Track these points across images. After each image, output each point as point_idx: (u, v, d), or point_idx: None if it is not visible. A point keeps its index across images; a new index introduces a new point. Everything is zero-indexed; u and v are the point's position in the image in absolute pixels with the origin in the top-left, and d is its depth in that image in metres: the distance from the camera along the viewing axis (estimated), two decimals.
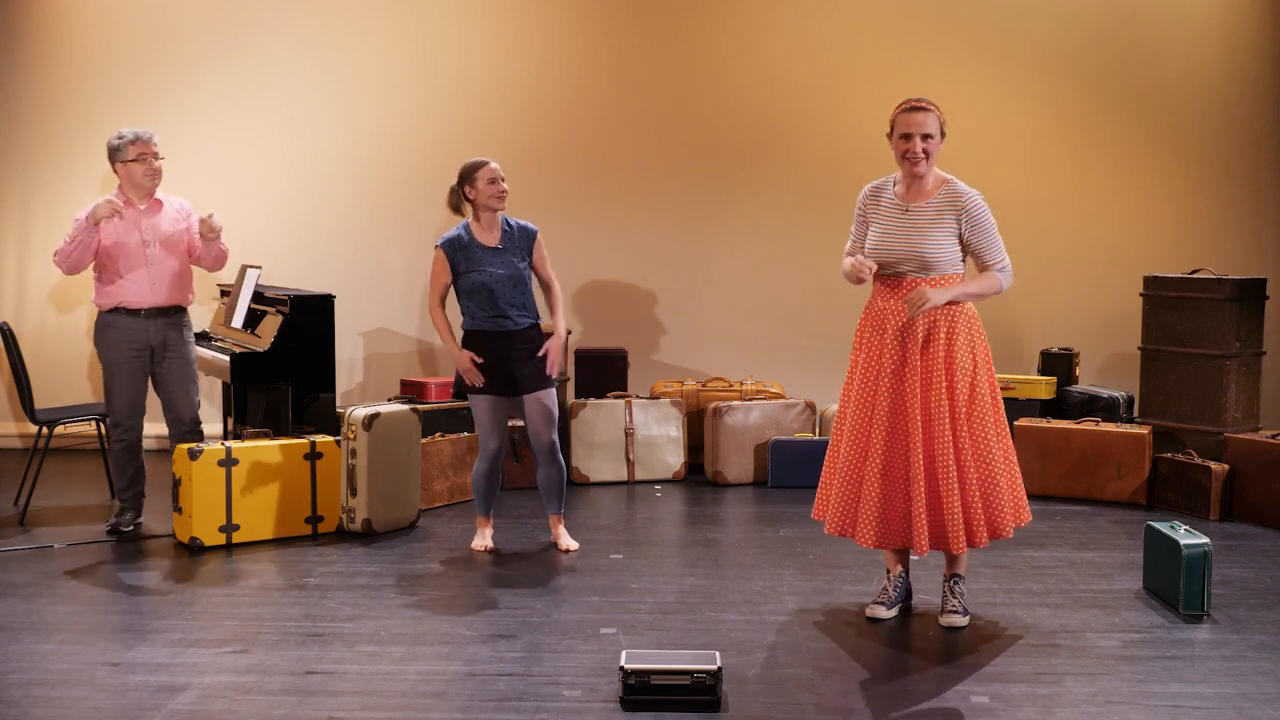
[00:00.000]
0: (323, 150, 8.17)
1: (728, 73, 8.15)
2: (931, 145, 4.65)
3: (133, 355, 5.97)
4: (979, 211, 4.67)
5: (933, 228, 4.64)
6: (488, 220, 5.66)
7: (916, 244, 4.63)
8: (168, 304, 5.99)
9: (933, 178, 4.72)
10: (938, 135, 4.68)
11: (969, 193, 4.68)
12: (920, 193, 4.70)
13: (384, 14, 8.13)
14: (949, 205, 4.67)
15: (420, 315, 8.17)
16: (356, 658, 4.44)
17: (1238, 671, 4.34)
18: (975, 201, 4.67)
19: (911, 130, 4.64)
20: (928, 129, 4.64)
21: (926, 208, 4.67)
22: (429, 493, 6.63)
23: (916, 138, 4.64)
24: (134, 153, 5.93)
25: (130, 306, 5.95)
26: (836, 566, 5.59)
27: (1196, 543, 4.90)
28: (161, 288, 5.97)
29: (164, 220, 6.01)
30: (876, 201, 4.78)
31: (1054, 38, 8.09)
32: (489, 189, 5.60)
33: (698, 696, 4.00)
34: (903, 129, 4.67)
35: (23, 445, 8.14)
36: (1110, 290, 8.02)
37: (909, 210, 4.68)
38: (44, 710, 3.99)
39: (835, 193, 7.39)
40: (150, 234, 5.96)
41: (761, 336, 8.20)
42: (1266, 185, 8.12)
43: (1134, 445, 6.77)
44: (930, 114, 4.67)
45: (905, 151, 4.66)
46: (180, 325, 6.06)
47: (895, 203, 4.72)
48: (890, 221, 4.70)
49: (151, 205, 6.01)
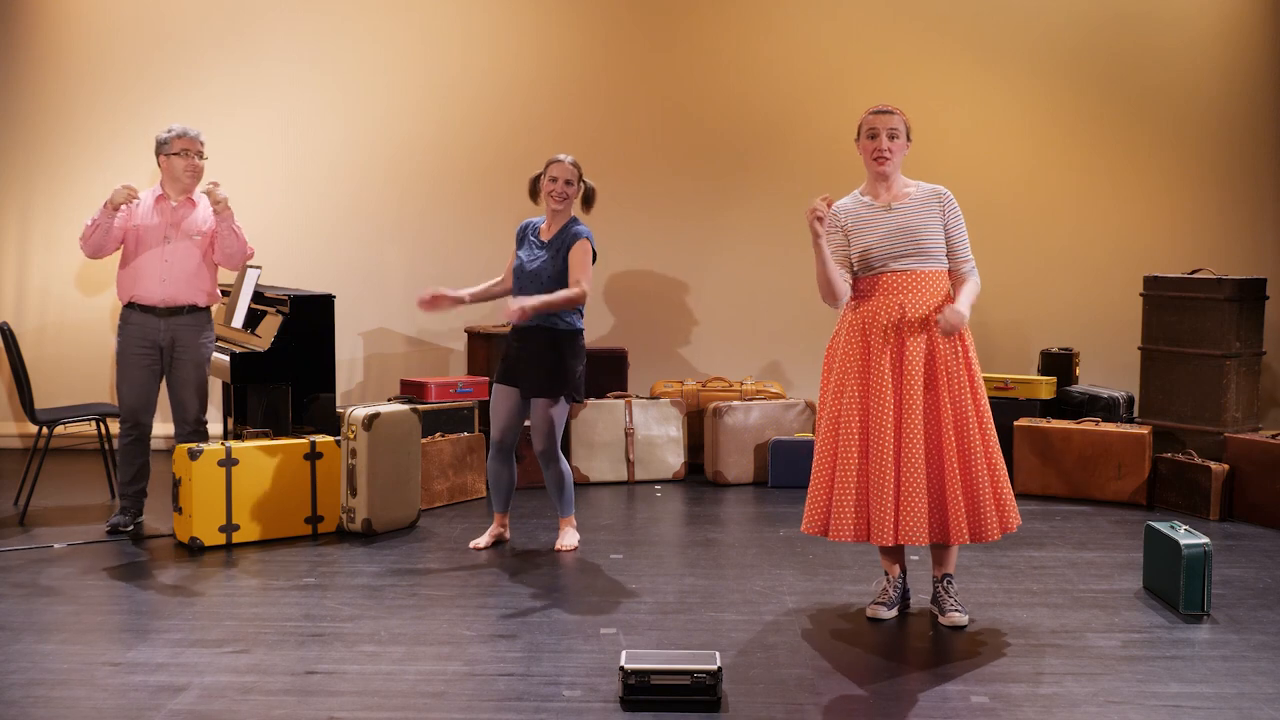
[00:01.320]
0: (323, 150, 8.17)
1: (728, 73, 8.15)
2: (896, 145, 4.73)
3: (142, 352, 5.96)
4: (955, 204, 4.78)
5: (923, 216, 4.72)
6: (549, 214, 5.71)
7: (914, 231, 4.68)
8: (179, 302, 5.97)
9: (899, 182, 4.80)
10: (903, 137, 4.75)
11: (941, 187, 4.80)
12: (897, 194, 4.77)
13: (384, 14, 8.14)
14: (930, 198, 4.75)
15: (420, 315, 8.16)
16: (356, 658, 4.44)
17: (1238, 671, 4.34)
18: (950, 196, 4.79)
19: (878, 127, 4.73)
20: (893, 126, 4.72)
21: (909, 202, 4.75)
22: (429, 493, 6.63)
23: (883, 134, 4.72)
24: (178, 147, 5.96)
25: (142, 302, 5.95)
26: (836, 566, 5.59)
27: (1196, 543, 4.90)
28: (172, 284, 5.94)
29: (194, 219, 6.01)
30: (853, 211, 4.79)
31: (1054, 38, 8.09)
32: (547, 185, 5.68)
33: (698, 696, 4.00)
34: (869, 128, 4.75)
35: (23, 445, 8.14)
36: (1110, 290, 8.02)
37: (893, 207, 4.74)
38: (44, 710, 3.99)
39: (835, 192, 7.34)
40: (174, 230, 5.96)
41: (761, 336, 8.20)
42: (1266, 185, 8.13)
43: (1134, 445, 6.77)
44: (896, 116, 4.76)
45: (873, 151, 4.73)
46: (195, 326, 6.01)
47: (875, 206, 4.77)
48: (876, 222, 4.74)
49: (184, 203, 6.01)
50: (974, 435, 4.65)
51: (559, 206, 5.66)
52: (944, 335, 4.61)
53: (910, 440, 4.60)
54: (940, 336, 4.65)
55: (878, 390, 4.65)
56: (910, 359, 4.63)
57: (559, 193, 5.64)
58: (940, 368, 4.65)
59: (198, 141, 6.02)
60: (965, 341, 4.72)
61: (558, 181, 5.64)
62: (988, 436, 4.72)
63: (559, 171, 5.66)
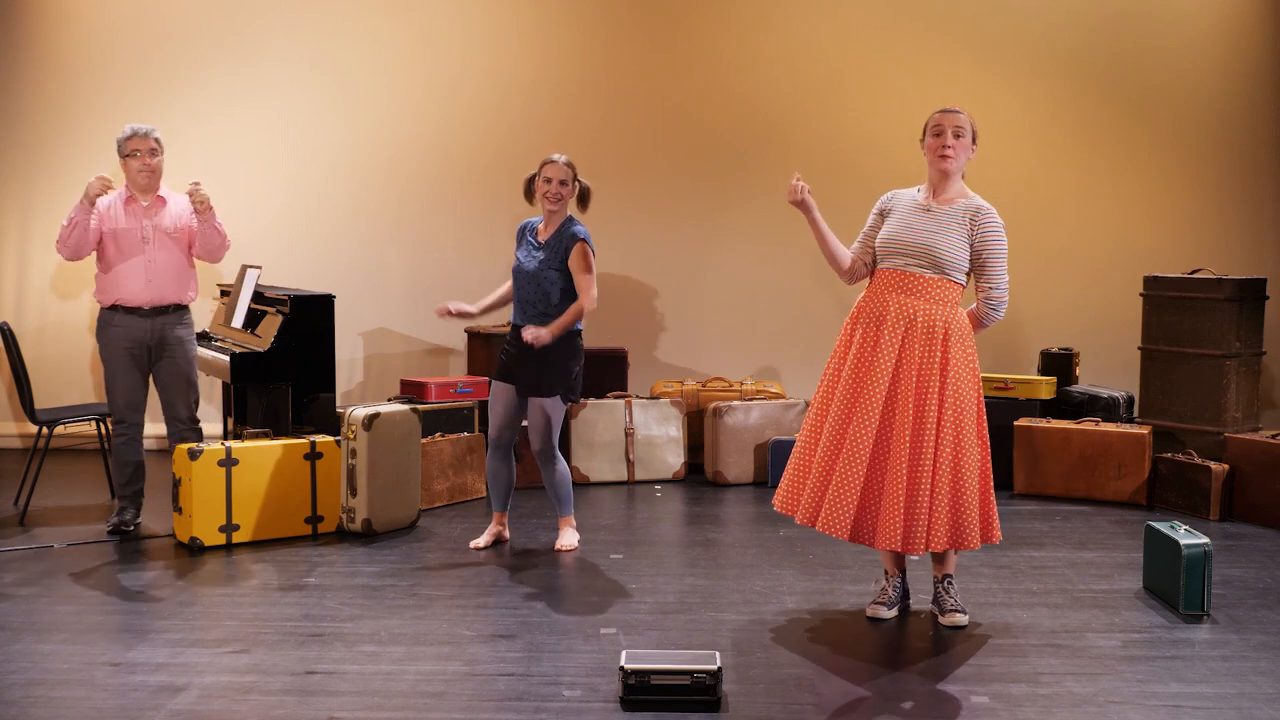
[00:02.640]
0: (323, 150, 8.17)
1: (728, 73, 8.15)
2: (960, 145, 4.74)
3: (130, 353, 5.97)
4: (993, 224, 4.74)
5: (950, 230, 4.70)
6: (546, 215, 5.71)
7: (932, 241, 4.67)
8: (165, 302, 5.98)
9: (958, 187, 4.79)
10: (968, 137, 4.76)
11: (989, 206, 4.78)
12: (945, 197, 4.76)
13: (384, 14, 8.13)
14: (968, 211, 4.74)
15: (420, 315, 8.16)
16: (356, 658, 4.44)
17: (1238, 671, 4.34)
18: (992, 214, 4.76)
19: (944, 125, 4.75)
20: (959, 124, 4.75)
21: (948, 210, 4.73)
22: (429, 493, 6.63)
23: (948, 131, 4.74)
24: (129, 148, 5.93)
25: (126, 304, 5.95)
26: (836, 566, 5.59)
27: (1196, 543, 4.90)
28: (157, 285, 5.95)
29: (166, 217, 6.00)
30: (899, 200, 4.85)
31: (1054, 38, 8.09)
32: (541, 186, 5.68)
33: (698, 696, 4.00)
34: (935, 124, 4.78)
35: (23, 445, 8.14)
36: (1110, 290, 8.02)
37: (931, 209, 4.75)
38: (44, 710, 3.99)
39: (835, 193, 7.38)
40: (150, 230, 5.95)
41: (761, 336, 8.20)
42: (1266, 185, 8.13)
43: (1134, 445, 6.77)
44: (963, 116, 4.79)
45: (937, 148, 4.74)
46: (179, 324, 6.04)
47: (918, 201, 4.80)
48: (910, 216, 4.77)
49: (155, 201, 6.00)
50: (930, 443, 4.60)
51: (554, 207, 5.66)
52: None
53: (855, 437, 4.63)
54: (953, 346, 4.64)
55: (849, 382, 4.69)
56: (882, 358, 4.64)
57: (553, 193, 5.64)
58: (910, 371, 4.63)
59: (149, 139, 5.94)
60: (949, 350, 4.65)
61: (552, 182, 5.64)
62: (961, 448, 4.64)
63: (553, 172, 5.65)
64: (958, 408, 4.64)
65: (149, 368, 6.04)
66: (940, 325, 4.65)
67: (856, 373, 4.71)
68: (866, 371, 4.69)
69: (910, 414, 4.61)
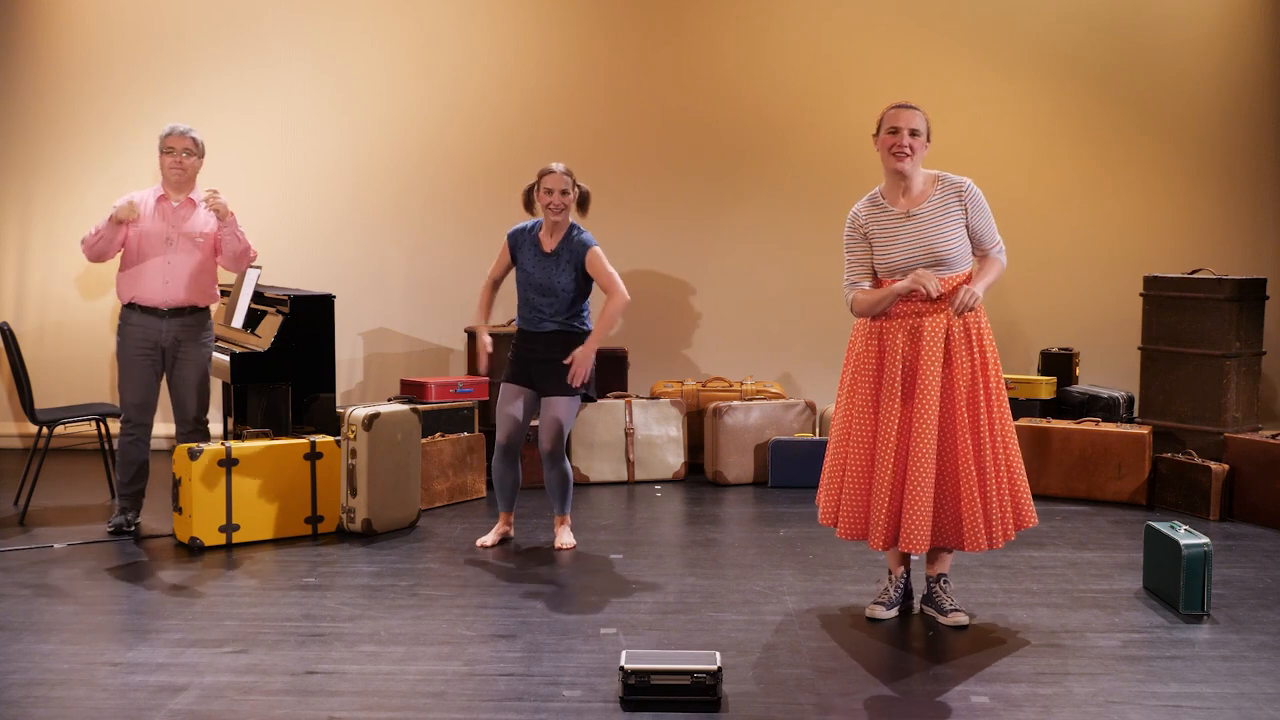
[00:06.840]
0: (323, 150, 8.17)
1: (727, 73, 8.15)
2: (918, 143, 4.65)
3: (144, 353, 5.96)
4: (977, 195, 4.71)
5: (942, 224, 4.64)
6: (548, 225, 5.72)
7: (931, 244, 4.63)
8: (182, 304, 5.96)
9: (921, 178, 4.71)
10: (924, 134, 4.67)
11: (964, 179, 4.72)
12: (917, 196, 4.69)
13: (384, 14, 8.13)
14: (949, 195, 4.67)
15: (420, 315, 8.17)
16: (356, 658, 4.44)
17: (1238, 671, 4.34)
18: (972, 186, 4.71)
19: (899, 124, 4.65)
20: (915, 124, 4.64)
21: (929, 206, 4.66)
22: (429, 493, 6.63)
23: (904, 131, 4.63)
24: (165, 145, 5.94)
25: (144, 303, 5.93)
26: (836, 566, 5.59)
27: (1196, 543, 4.90)
28: (175, 287, 5.93)
29: (193, 221, 5.99)
30: (874, 218, 4.73)
31: (1054, 38, 8.09)
32: (543, 198, 5.68)
33: (698, 696, 4.00)
34: (890, 123, 4.67)
35: (23, 445, 8.14)
36: (1110, 290, 8.02)
37: (911, 215, 4.67)
38: (44, 710, 3.99)
39: (835, 193, 7.39)
40: (175, 232, 5.94)
41: (761, 336, 8.20)
42: (1266, 185, 8.13)
43: (1134, 445, 6.77)
44: (918, 113, 4.68)
45: (892, 146, 4.64)
46: (196, 327, 6.01)
47: (895, 213, 4.69)
48: (897, 231, 4.68)
49: (185, 203, 5.98)
50: (986, 441, 4.63)
51: (558, 218, 5.68)
52: (956, 314, 4.52)
53: (920, 447, 4.57)
54: (973, 342, 4.63)
55: (889, 396, 4.63)
56: (926, 366, 4.59)
57: (556, 204, 5.65)
58: (956, 374, 4.61)
59: (186, 138, 5.95)
60: (984, 344, 4.67)
61: (553, 193, 5.65)
62: (1007, 440, 4.69)
63: (553, 183, 5.66)
64: (999, 398, 4.67)
65: (163, 369, 6.02)
66: (973, 324, 4.65)
67: (905, 387, 4.64)
68: (913, 384, 4.62)
69: (965, 417, 4.60)
